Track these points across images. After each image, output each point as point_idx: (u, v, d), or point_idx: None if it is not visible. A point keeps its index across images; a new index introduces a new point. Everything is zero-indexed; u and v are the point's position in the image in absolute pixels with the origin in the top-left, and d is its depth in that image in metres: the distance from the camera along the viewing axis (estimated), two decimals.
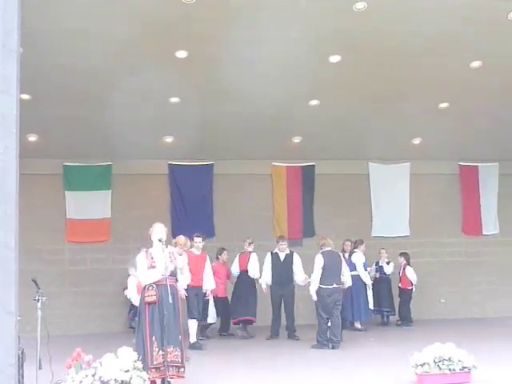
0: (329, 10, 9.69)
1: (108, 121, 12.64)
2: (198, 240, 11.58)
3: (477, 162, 16.16)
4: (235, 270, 12.97)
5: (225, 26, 9.94)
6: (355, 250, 13.62)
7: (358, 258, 13.52)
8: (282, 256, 12.53)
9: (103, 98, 11.83)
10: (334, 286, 11.05)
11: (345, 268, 11.52)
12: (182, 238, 10.83)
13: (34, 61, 9.95)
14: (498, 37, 10.70)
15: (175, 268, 7.58)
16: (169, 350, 7.19)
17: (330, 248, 11.31)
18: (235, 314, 12.78)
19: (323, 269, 11.00)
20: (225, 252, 13.27)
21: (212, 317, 12.74)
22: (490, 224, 16.31)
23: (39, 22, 9.19)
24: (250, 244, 12.93)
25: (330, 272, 11.04)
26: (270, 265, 12.52)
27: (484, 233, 16.23)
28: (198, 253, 11.55)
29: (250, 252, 12.85)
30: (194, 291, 10.99)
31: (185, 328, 8.86)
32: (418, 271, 14.38)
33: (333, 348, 10.79)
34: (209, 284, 11.58)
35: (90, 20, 9.49)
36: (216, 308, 12.81)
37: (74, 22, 9.50)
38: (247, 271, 12.75)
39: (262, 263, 12.69)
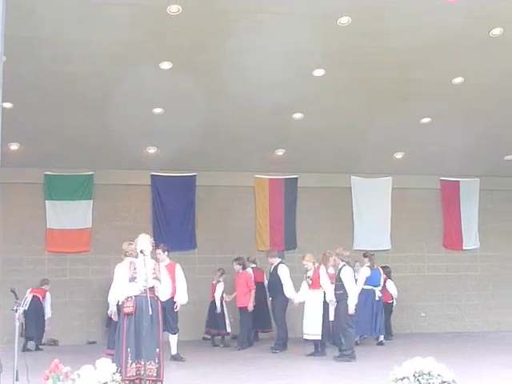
0: (313, 25, 9.73)
1: (90, 130, 12.60)
2: (157, 251, 10.69)
3: (458, 177, 16.27)
4: None
5: (209, 38, 9.96)
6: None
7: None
8: (271, 268, 12.65)
9: (86, 108, 11.79)
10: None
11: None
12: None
13: (17, 69, 9.90)
14: (480, 53, 10.81)
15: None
16: (143, 363, 7.11)
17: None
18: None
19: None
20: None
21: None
22: (471, 239, 16.40)
23: (22, 30, 9.15)
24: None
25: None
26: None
27: (464, 247, 16.32)
28: (164, 263, 10.48)
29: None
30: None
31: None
32: (399, 285, 14.41)
33: (349, 358, 10.73)
34: (179, 296, 10.86)
35: (73, 29, 9.45)
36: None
37: (58, 31, 9.47)
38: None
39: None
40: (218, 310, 13.20)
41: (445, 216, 16.35)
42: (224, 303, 13.34)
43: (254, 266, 13.38)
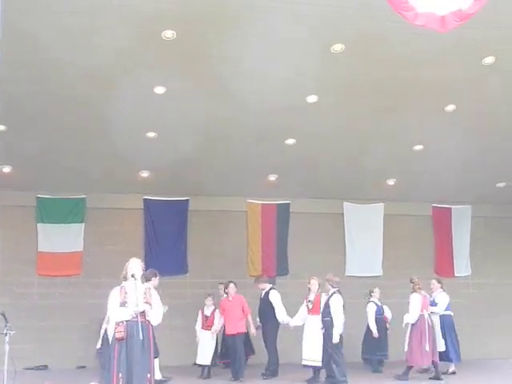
0: (307, 51, 9.80)
1: (83, 153, 12.60)
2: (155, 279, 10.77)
3: (450, 204, 16.32)
4: None
5: (203, 63, 10.01)
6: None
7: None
8: (262, 294, 12.55)
9: (79, 131, 11.80)
10: None
11: None
12: None
13: (10, 91, 9.91)
14: (473, 82, 10.89)
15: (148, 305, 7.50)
16: None
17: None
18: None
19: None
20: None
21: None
22: (463, 266, 16.41)
23: (16, 53, 9.18)
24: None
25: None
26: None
27: (456, 274, 16.32)
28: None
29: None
30: None
31: None
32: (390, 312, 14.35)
33: None
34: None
35: (67, 52, 9.48)
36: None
37: (51, 54, 9.50)
38: None
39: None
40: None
41: (437, 243, 16.38)
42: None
43: None
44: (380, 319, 13.39)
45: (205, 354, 12.16)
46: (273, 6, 8.76)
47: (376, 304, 13.50)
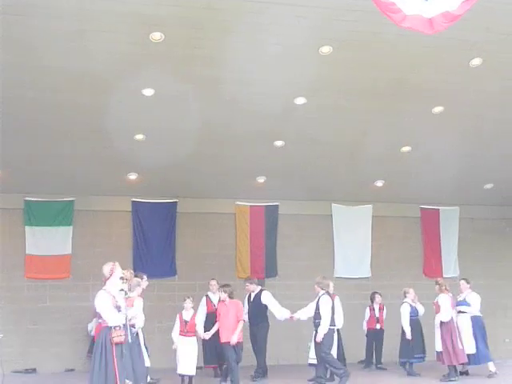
0: (295, 53, 9.82)
1: (71, 156, 12.56)
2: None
3: (438, 205, 16.38)
4: None
5: (192, 65, 10.01)
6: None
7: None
8: (252, 296, 12.48)
9: (67, 134, 11.76)
10: (335, 326, 11.33)
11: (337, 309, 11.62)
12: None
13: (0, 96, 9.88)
14: (460, 84, 10.94)
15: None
16: None
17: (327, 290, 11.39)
18: None
19: (332, 310, 11.10)
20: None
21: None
22: (450, 267, 16.48)
23: (6, 57, 9.15)
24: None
25: (333, 313, 11.14)
26: (246, 304, 12.39)
27: (444, 276, 16.34)
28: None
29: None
30: None
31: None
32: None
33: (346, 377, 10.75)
34: None
35: (54, 56, 9.46)
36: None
37: (40, 58, 9.47)
38: None
39: None
40: None
41: (425, 244, 16.45)
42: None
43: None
44: (415, 321, 13.13)
45: (187, 363, 11.17)
46: (263, 9, 8.78)
47: (410, 305, 13.26)
